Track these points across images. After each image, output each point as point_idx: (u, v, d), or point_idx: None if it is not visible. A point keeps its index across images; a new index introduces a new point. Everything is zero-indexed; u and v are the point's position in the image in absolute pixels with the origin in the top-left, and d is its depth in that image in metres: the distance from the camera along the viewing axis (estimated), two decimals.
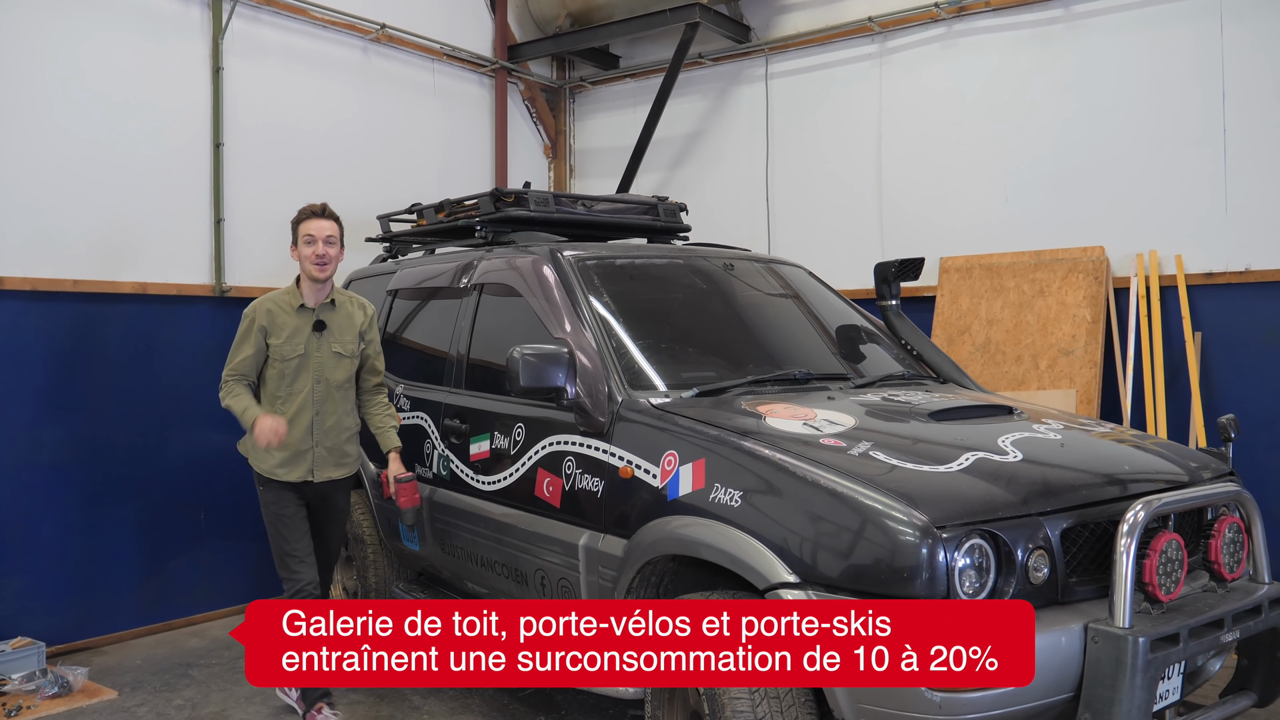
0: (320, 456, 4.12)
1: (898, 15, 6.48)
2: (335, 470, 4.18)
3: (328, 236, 4.07)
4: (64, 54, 5.17)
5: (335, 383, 4.13)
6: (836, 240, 6.76)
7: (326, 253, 4.06)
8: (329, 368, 4.11)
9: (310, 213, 4.09)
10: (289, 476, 4.09)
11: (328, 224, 4.09)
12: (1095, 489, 2.97)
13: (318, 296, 4.14)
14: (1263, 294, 5.36)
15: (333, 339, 4.12)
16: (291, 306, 4.10)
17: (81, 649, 5.22)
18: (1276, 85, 5.32)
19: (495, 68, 7.60)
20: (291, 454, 4.07)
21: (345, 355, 4.15)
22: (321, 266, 4.06)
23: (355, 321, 4.21)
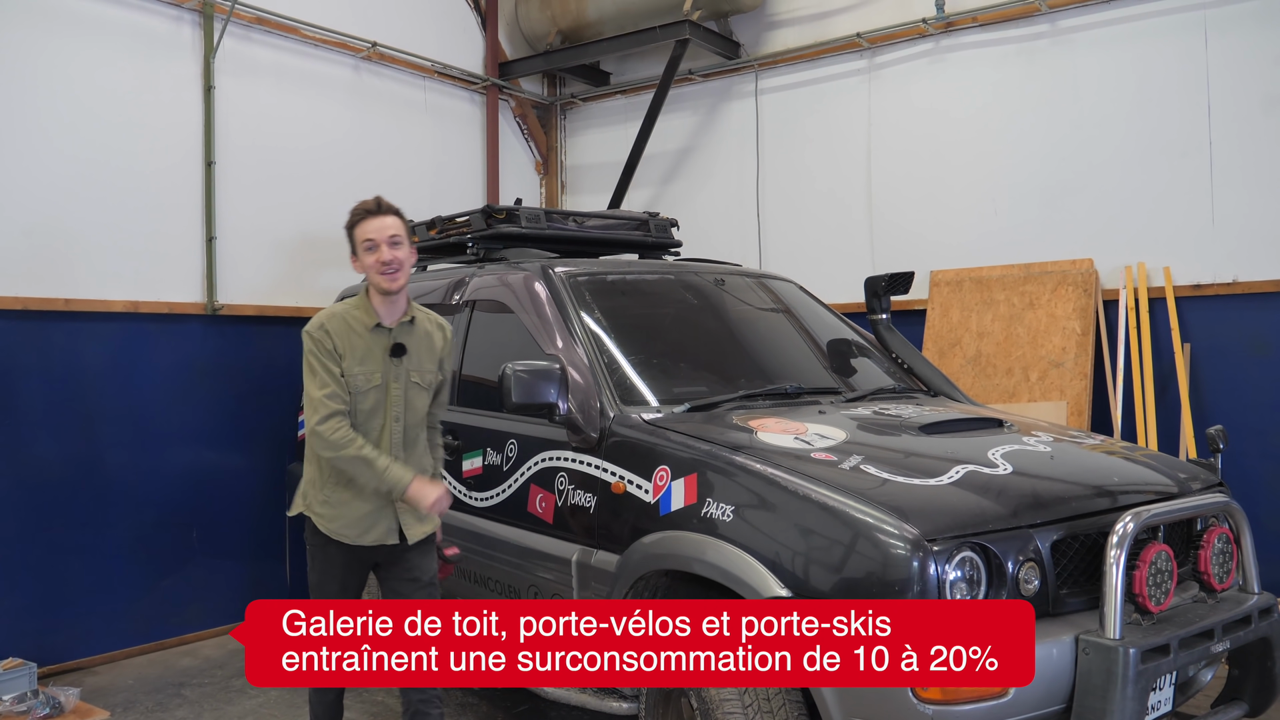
0: (405, 512, 3.31)
1: (886, 31, 6.53)
2: (422, 526, 3.37)
3: (391, 237, 3.29)
4: (56, 73, 5.19)
5: (414, 420, 3.37)
6: (827, 254, 6.79)
7: (394, 257, 3.26)
8: (408, 403, 3.33)
9: (364, 212, 3.36)
10: (362, 539, 3.27)
11: (389, 221, 3.32)
12: (1085, 501, 2.98)
13: (394, 313, 3.34)
14: (1250, 305, 5.40)
15: (411, 366, 3.34)
16: (364, 324, 3.30)
17: (73, 669, 5.19)
18: (1261, 98, 5.37)
19: (486, 85, 7.63)
20: (369, 510, 3.28)
21: (424, 387, 3.38)
22: (391, 275, 3.26)
23: (436, 345, 3.44)
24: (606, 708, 3.45)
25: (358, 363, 3.26)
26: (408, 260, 3.32)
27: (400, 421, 3.31)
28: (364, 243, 3.31)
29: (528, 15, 7.79)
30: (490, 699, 4.62)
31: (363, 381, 3.25)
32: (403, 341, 3.33)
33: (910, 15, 6.43)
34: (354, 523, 3.29)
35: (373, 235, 3.30)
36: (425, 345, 3.41)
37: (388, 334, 3.32)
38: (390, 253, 3.27)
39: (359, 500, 3.27)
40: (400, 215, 3.38)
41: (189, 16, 5.75)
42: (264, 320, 6.04)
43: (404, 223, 3.37)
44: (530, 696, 4.36)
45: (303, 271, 6.27)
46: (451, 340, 3.56)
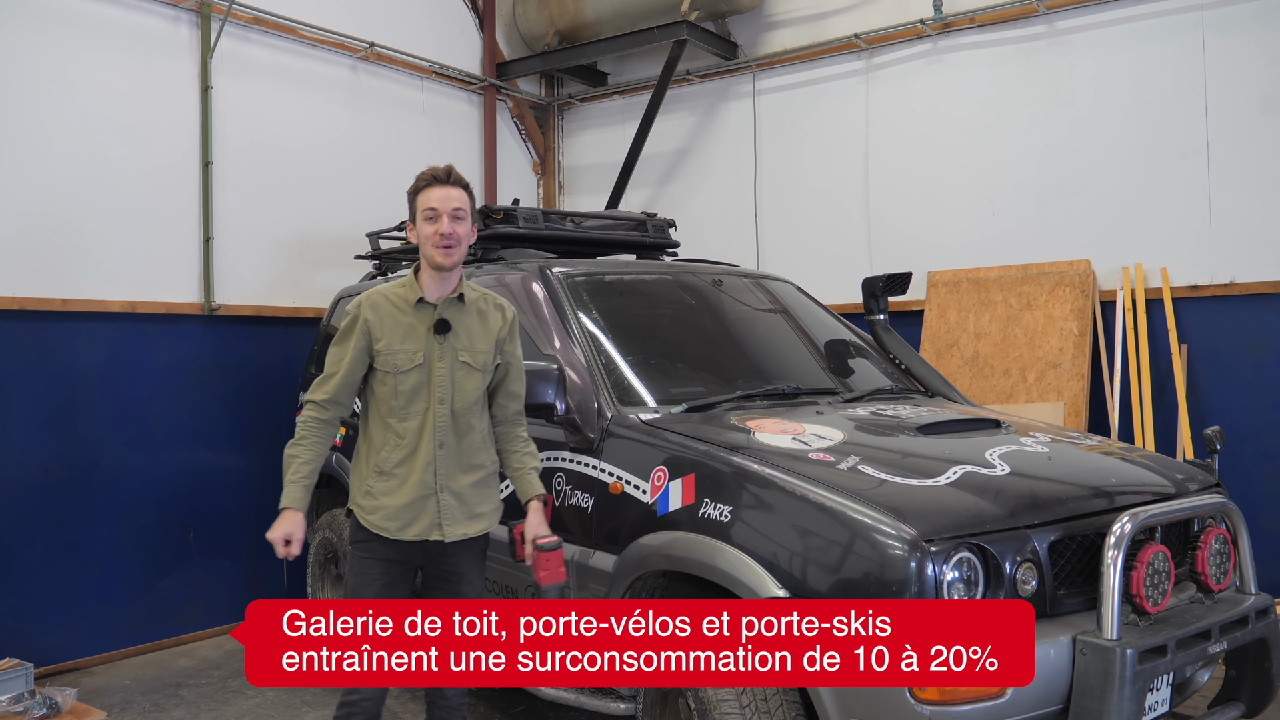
0: (448, 506, 3.08)
1: (884, 32, 6.53)
2: (467, 525, 3.13)
3: (455, 209, 3.06)
4: (53, 73, 5.18)
5: (464, 405, 3.12)
6: (824, 255, 6.79)
7: (453, 231, 3.05)
8: (456, 384, 3.11)
9: (431, 179, 3.09)
10: (404, 533, 3.08)
11: (455, 193, 3.09)
12: (1082, 501, 2.98)
13: (441, 289, 3.13)
14: (1247, 306, 5.40)
15: (460, 345, 3.12)
16: (407, 301, 3.11)
17: (70, 670, 5.19)
18: (1258, 99, 5.38)
19: (484, 85, 7.63)
20: (410, 500, 3.07)
21: (475, 368, 3.14)
22: (447, 250, 3.04)
23: (491, 325, 3.21)
24: (604, 708, 3.45)
25: (399, 340, 3.07)
26: (467, 239, 3.10)
27: (446, 404, 3.07)
28: (425, 211, 3.07)
29: (525, 16, 7.78)
30: (488, 699, 4.62)
31: (404, 360, 3.06)
32: (448, 318, 3.10)
33: (908, 16, 6.43)
34: (395, 513, 3.07)
35: (436, 204, 3.05)
36: (478, 325, 3.17)
37: (432, 310, 3.10)
38: (451, 225, 3.04)
39: (402, 488, 3.06)
40: (469, 190, 3.14)
41: (186, 16, 5.74)
42: (261, 320, 6.04)
43: (471, 199, 3.14)
44: (527, 696, 4.36)
45: (300, 272, 6.27)
46: (515, 323, 3.28)
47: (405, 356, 3.07)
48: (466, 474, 3.14)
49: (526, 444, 3.31)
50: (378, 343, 3.08)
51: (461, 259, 3.08)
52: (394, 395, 3.08)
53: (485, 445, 3.21)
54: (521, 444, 3.30)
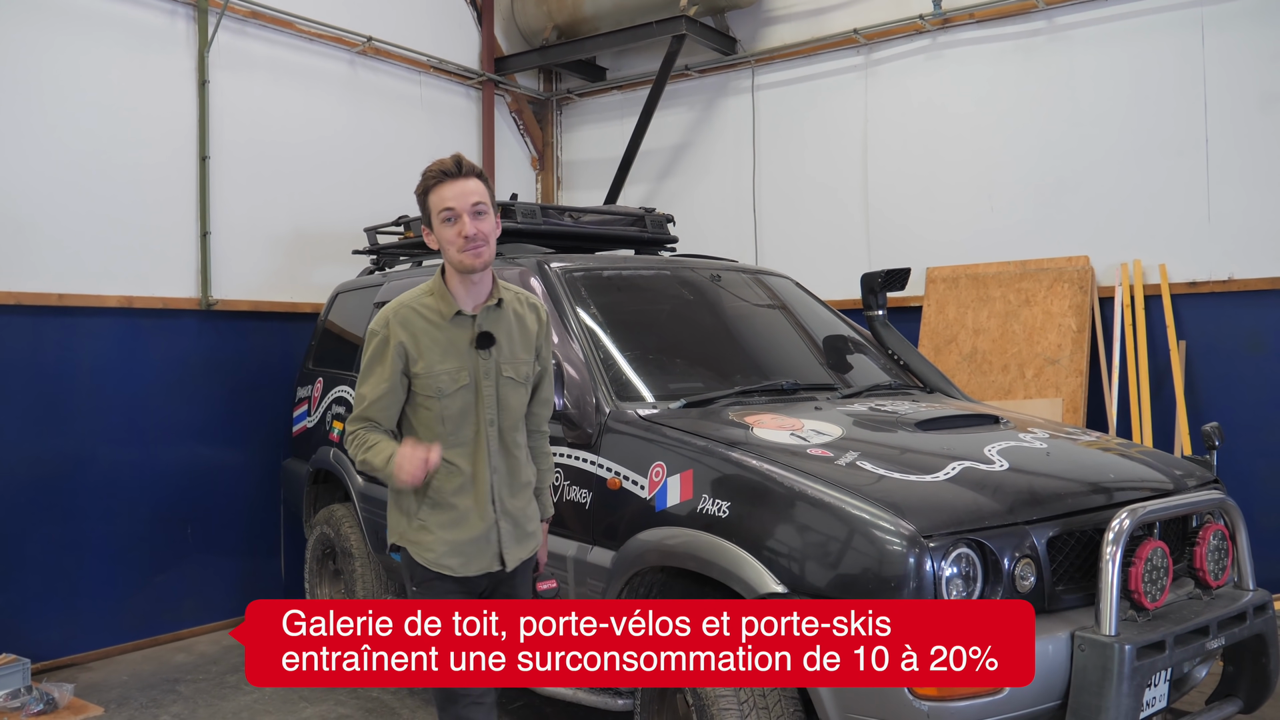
0: (506, 533, 2.82)
1: (883, 27, 6.52)
2: (522, 547, 2.89)
3: (474, 205, 2.71)
4: (50, 68, 5.17)
5: (511, 422, 2.84)
6: (823, 251, 6.78)
7: (479, 231, 2.69)
8: (502, 402, 2.80)
9: (440, 174, 2.73)
10: (468, 569, 2.78)
11: (470, 185, 2.72)
12: (1081, 497, 2.98)
13: (476, 295, 2.80)
14: (1246, 303, 5.40)
15: (503, 358, 2.80)
16: (440, 314, 2.77)
17: (67, 665, 5.19)
18: (1257, 95, 5.37)
19: (482, 80, 7.61)
20: (476, 535, 2.78)
21: (519, 381, 2.84)
22: (476, 251, 2.70)
23: (529, 330, 2.90)
24: (603, 704, 3.45)
25: (438, 359, 2.74)
26: (493, 233, 2.75)
27: (495, 426, 2.78)
28: (441, 213, 2.71)
29: (524, 10, 7.77)
30: None
31: (448, 382, 2.73)
32: (490, 330, 2.78)
33: (907, 11, 6.42)
34: (459, 548, 2.77)
35: (452, 203, 2.70)
36: (518, 331, 2.86)
37: (471, 322, 2.78)
38: (474, 225, 2.69)
39: (465, 522, 2.77)
40: (484, 179, 2.77)
41: (183, 11, 5.73)
42: (259, 316, 6.03)
43: (489, 188, 2.78)
44: (526, 693, 4.36)
45: (297, 267, 6.26)
46: (549, 323, 2.99)
47: (449, 378, 2.73)
48: (517, 495, 2.87)
49: (548, 458, 3.09)
50: (415, 364, 2.73)
51: (492, 257, 2.75)
52: (439, 421, 2.75)
53: (528, 459, 2.94)
54: (544, 458, 3.06)
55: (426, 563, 2.78)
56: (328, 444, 5.20)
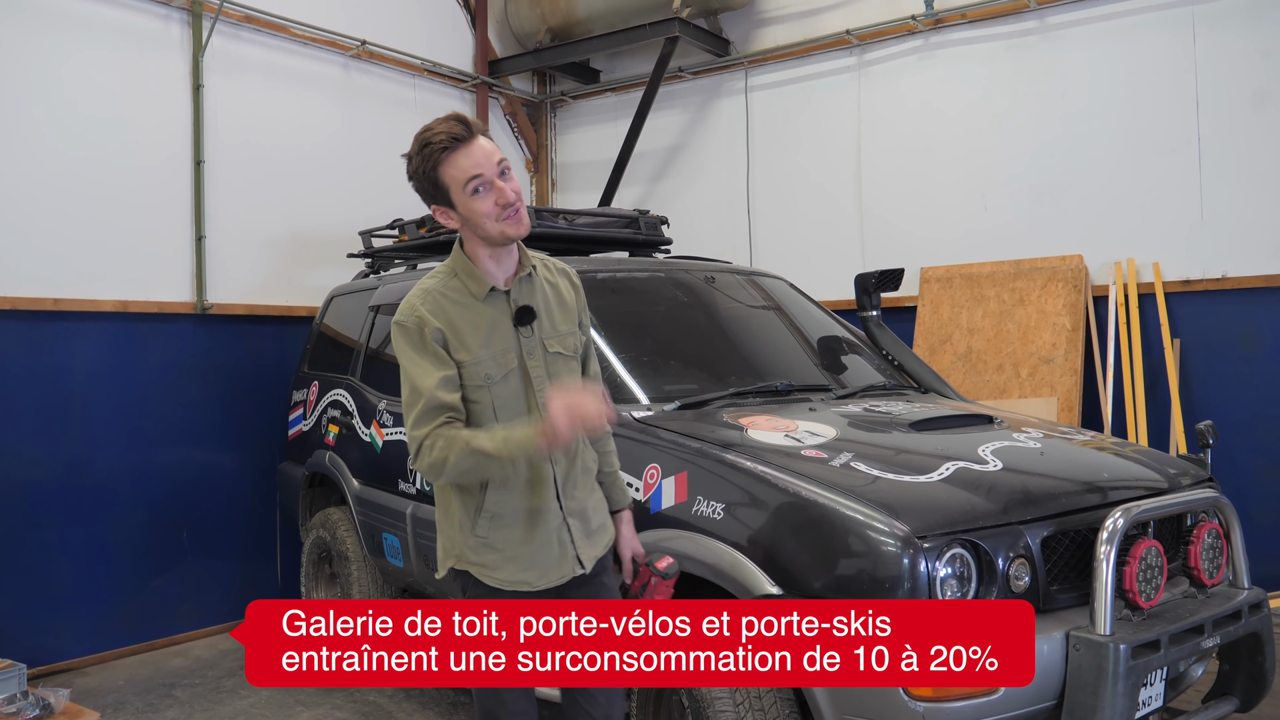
0: (577, 530, 2.52)
1: (875, 28, 6.53)
2: (594, 543, 2.58)
3: (500, 163, 2.38)
4: (44, 72, 5.16)
5: None
6: (817, 251, 6.79)
7: (515, 192, 2.38)
8: (555, 378, 2.50)
9: (450, 139, 2.36)
10: (547, 580, 2.49)
11: (488, 145, 2.39)
12: (1075, 497, 2.98)
13: (507, 269, 2.48)
14: (1239, 300, 5.41)
15: (545, 333, 2.50)
16: (473, 294, 2.44)
17: (63, 670, 5.18)
18: (1249, 93, 5.38)
19: (476, 83, 7.62)
20: (545, 540, 2.47)
21: (568, 354, 2.55)
22: (517, 219, 2.37)
23: (565, 298, 2.59)
24: None
25: (482, 345, 2.41)
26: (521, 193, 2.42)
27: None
28: (469, 185, 2.35)
29: (517, 13, 7.77)
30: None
31: (495, 368, 2.41)
32: (528, 303, 2.47)
33: (899, 12, 6.43)
34: (531, 561, 2.46)
35: (479, 169, 2.34)
36: (556, 301, 2.55)
37: (506, 298, 2.46)
38: (508, 188, 2.36)
39: (532, 528, 2.46)
40: (488, 134, 2.46)
41: (177, 15, 5.72)
42: (254, 319, 6.03)
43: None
44: None
45: (293, 270, 6.25)
46: (580, 288, 2.67)
47: (495, 362, 2.41)
48: (580, 486, 2.55)
49: (608, 439, 2.72)
50: (457, 353, 2.40)
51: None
52: (491, 413, 2.42)
53: (586, 443, 2.62)
54: (605, 440, 2.71)
55: (498, 583, 2.45)
56: (323, 447, 5.20)
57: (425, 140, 2.39)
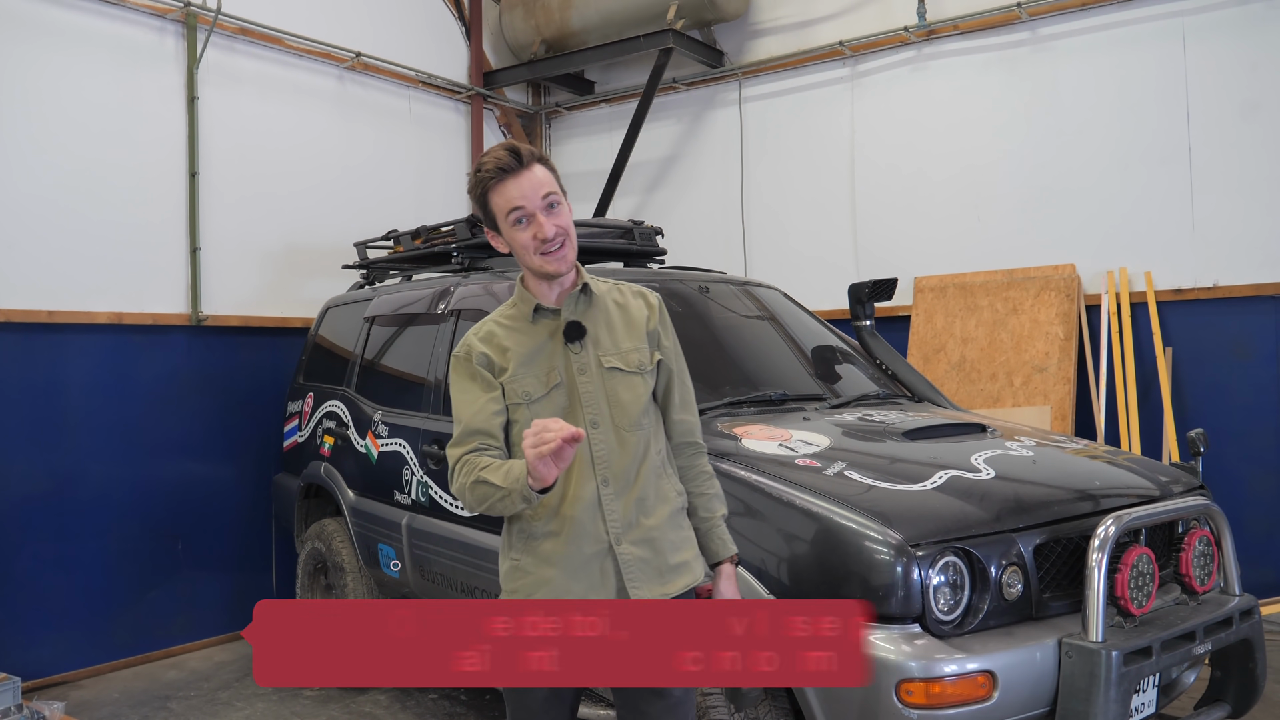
0: (631, 561, 2.28)
1: (868, 39, 6.57)
2: (663, 582, 2.31)
3: (545, 198, 2.31)
4: (39, 84, 5.17)
5: (628, 420, 2.34)
6: (811, 262, 6.82)
7: (558, 229, 2.31)
8: (611, 396, 2.35)
9: (497, 171, 2.30)
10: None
11: (538, 175, 2.31)
12: (1067, 505, 3.00)
13: (557, 289, 2.41)
14: (1231, 309, 5.44)
15: (601, 349, 2.38)
16: (523, 316, 2.41)
17: (58, 683, 5.16)
18: (1239, 104, 5.42)
19: (471, 94, 7.64)
20: (579, 564, 2.28)
21: (629, 369, 2.38)
22: (557, 256, 2.32)
23: (635, 316, 2.46)
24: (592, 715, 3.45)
25: (524, 362, 2.35)
26: (570, 225, 2.34)
27: (604, 427, 2.32)
28: (510, 216, 2.30)
29: (512, 25, 7.80)
30: (477, 709, 4.62)
31: (535, 385, 2.33)
32: (578, 320, 2.38)
33: (892, 23, 6.47)
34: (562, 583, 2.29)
35: (521, 202, 2.29)
36: (619, 319, 2.43)
37: (555, 315, 2.39)
38: (551, 223, 2.29)
39: (567, 550, 2.28)
40: (547, 163, 2.36)
41: (172, 28, 5.74)
42: (249, 331, 6.03)
43: (552, 171, 2.36)
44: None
45: (287, 282, 6.27)
46: (665, 311, 2.51)
47: (536, 380, 2.33)
48: (651, 513, 2.32)
49: (710, 481, 2.50)
50: (501, 374, 2.35)
51: (575, 254, 2.36)
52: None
53: (667, 470, 2.42)
54: (705, 480, 2.49)
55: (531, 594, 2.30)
56: (319, 458, 5.20)
57: (477, 167, 2.35)
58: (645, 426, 2.36)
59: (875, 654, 2.57)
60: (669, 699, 2.30)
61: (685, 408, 2.49)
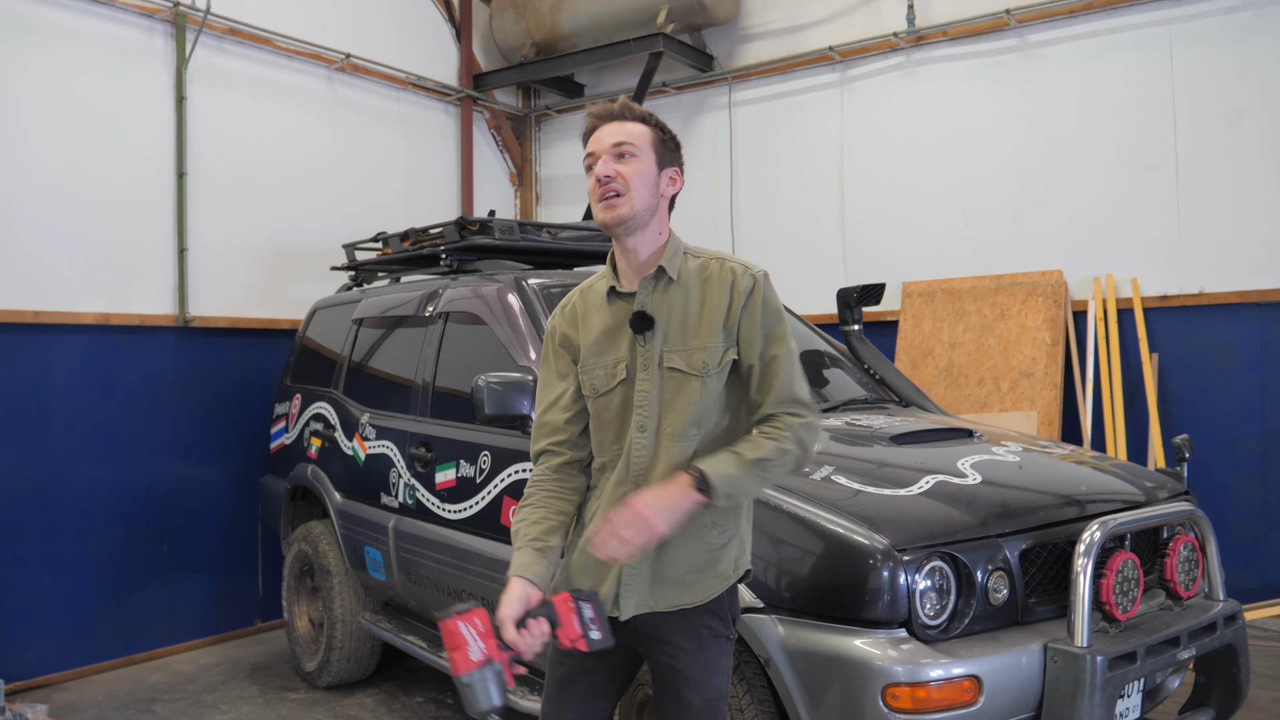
0: (630, 572, 2.16)
1: (858, 45, 6.58)
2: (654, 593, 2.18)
3: (616, 145, 2.17)
4: (27, 83, 5.15)
5: (676, 430, 2.15)
6: (799, 266, 6.83)
7: (615, 173, 2.15)
8: (664, 402, 2.17)
9: (592, 119, 2.22)
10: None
11: (620, 126, 2.19)
12: (1053, 510, 3.01)
13: (637, 266, 2.23)
14: (1216, 316, 5.47)
15: (667, 344, 2.18)
16: (600, 293, 2.28)
17: (42, 685, 5.13)
18: (1225, 112, 5.45)
19: (461, 96, 7.63)
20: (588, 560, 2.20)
21: (689, 373, 2.16)
22: (608, 201, 2.15)
23: (714, 303, 2.19)
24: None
25: (595, 353, 2.22)
26: (646, 180, 2.17)
27: (649, 432, 2.15)
28: (586, 161, 2.22)
29: (502, 27, 7.80)
30: (463, 711, 4.60)
31: (601, 380, 2.21)
32: (651, 308, 2.19)
33: (881, 29, 6.49)
34: (573, 577, 2.24)
35: (593, 147, 2.19)
36: (697, 308, 2.18)
37: (629, 301, 2.22)
38: (611, 166, 2.15)
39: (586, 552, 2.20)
40: (649, 122, 2.22)
41: (161, 27, 5.72)
42: (236, 332, 6.01)
43: (653, 132, 2.21)
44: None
45: (275, 283, 6.25)
46: (757, 290, 2.20)
47: (603, 374, 2.20)
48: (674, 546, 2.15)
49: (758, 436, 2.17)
50: (578, 359, 2.25)
51: (635, 212, 2.16)
52: (600, 427, 2.22)
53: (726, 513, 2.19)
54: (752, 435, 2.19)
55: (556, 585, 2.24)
56: (305, 460, 5.19)
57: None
58: (693, 438, 2.15)
59: (861, 658, 2.58)
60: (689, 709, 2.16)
61: (766, 392, 2.16)
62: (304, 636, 5.15)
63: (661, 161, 2.21)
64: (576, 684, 2.26)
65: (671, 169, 2.24)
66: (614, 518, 2.02)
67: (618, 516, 2.02)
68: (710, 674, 2.17)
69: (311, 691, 4.97)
